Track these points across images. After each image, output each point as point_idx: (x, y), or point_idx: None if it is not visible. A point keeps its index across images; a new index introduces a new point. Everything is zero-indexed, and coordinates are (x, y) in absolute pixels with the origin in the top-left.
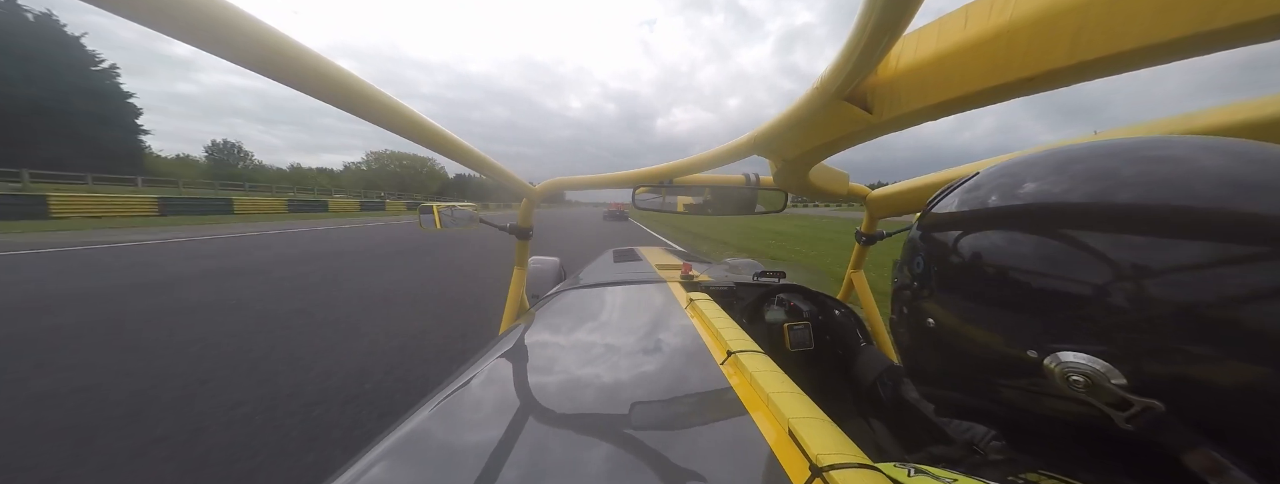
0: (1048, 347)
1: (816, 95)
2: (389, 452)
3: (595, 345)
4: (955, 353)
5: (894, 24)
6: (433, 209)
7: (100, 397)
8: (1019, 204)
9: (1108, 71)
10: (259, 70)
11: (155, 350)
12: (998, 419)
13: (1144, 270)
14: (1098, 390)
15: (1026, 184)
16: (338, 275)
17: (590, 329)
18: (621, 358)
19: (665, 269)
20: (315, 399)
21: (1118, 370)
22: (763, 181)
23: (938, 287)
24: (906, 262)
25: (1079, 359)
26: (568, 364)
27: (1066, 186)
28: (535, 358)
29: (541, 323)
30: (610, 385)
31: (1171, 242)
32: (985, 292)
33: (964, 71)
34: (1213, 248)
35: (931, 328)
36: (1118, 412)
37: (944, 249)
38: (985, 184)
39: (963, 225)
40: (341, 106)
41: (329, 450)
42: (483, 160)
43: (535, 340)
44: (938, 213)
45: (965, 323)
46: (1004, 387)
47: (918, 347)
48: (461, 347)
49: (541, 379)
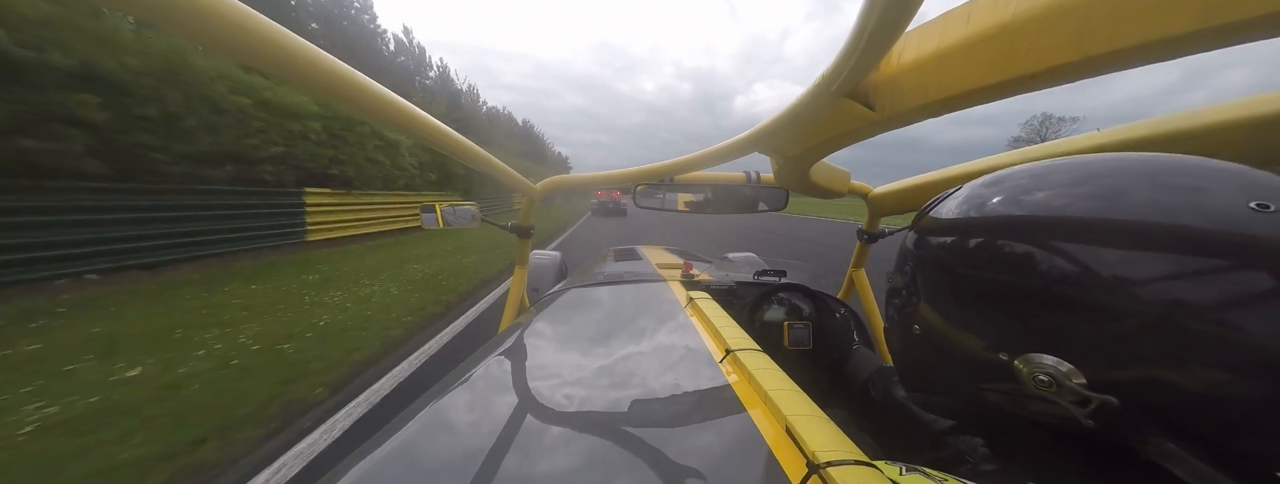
0: (1018, 349)
1: (818, 92)
2: (389, 450)
3: (595, 344)
4: (938, 356)
5: (896, 21)
6: (435, 208)
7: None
8: (1001, 215)
9: (1111, 68)
10: (262, 67)
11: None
12: (980, 423)
13: (1114, 280)
14: (1061, 390)
15: (1017, 195)
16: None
17: (590, 327)
18: (621, 356)
19: (665, 268)
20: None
21: (1078, 370)
22: (764, 180)
23: (923, 291)
24: (898, 267)
25: (1045, 360)
26: (567, 362)
27: (1061, 201)
28: (535, 356)
29: (541, 321)
30: (609, 383)
31: (1139, 254)
32: (964, 297)
33: (966, 68)
34: (1174, 261)
35: (917, 332)
36: (1079, 409)
37: (929, 256)
38: (972, 196)
39: (947, 233)
40: (343, 105)
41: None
42: (485, 159)
43: (535, 338)
44: (927, 220)
45: (946, 327)
46: (982, 388)
47: (906, 349)
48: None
49: (541, 377)
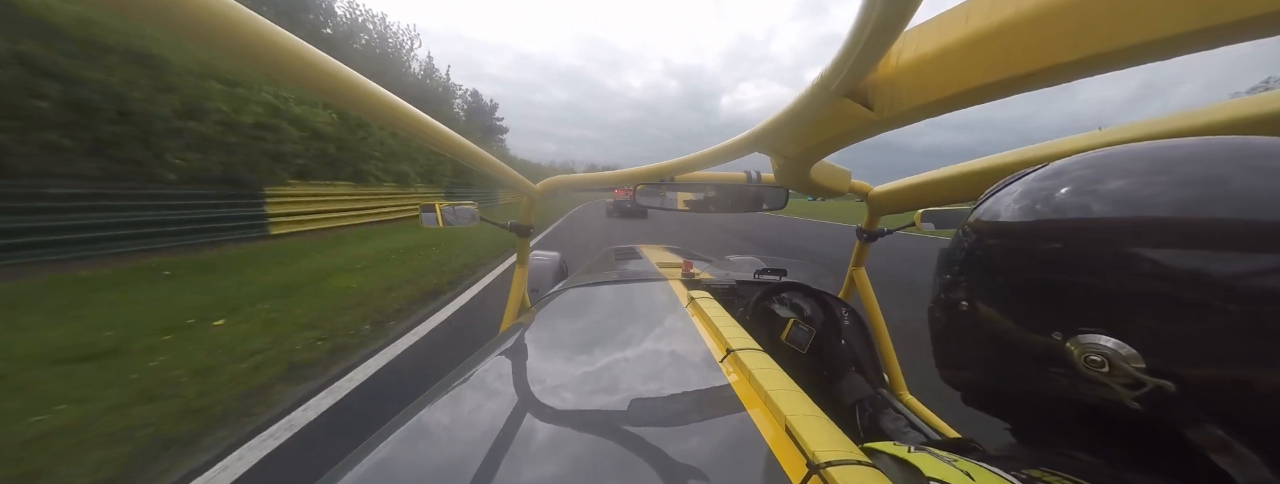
0: (1073, 330)
1: (817, 92)
2: (389, 450)
3: (595, 343)
4: (984, 335)
5: (895, 21)
6: (435, 207)
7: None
8: (1072, 211)
9: (1111, 66)
10: (257, 67)
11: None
12: (1012, 405)
13: (1189, 274)
14: (1114, 371)
15: (1101, 184)
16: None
17: (590, 327)
18: (621, 356)
19: (666, 267)
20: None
21: (1138, 354)
22: (764, 179)
23: (977, 285)
24: (954, 249)
25: (1102, 342)
26: (568, 362)
27: (1146, 192)
28: (535, 356)
29: (542, 321)
30: (610, 383)
31: (1241, 251)
32: (1027, 282)
33: (966, 68)
34: (1268, 257)
35: (965, 311)
36: (1128, 391)
37: (991, 241)
38: (1035, 189)
39: (1016, 221)
40: (343, 104)
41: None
42: (484, 158)
43: (535, 338)
44: (995, 203)
45: (999, 307)
46: (1025, 368)
47: (950, 328)
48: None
49: (541, 377)
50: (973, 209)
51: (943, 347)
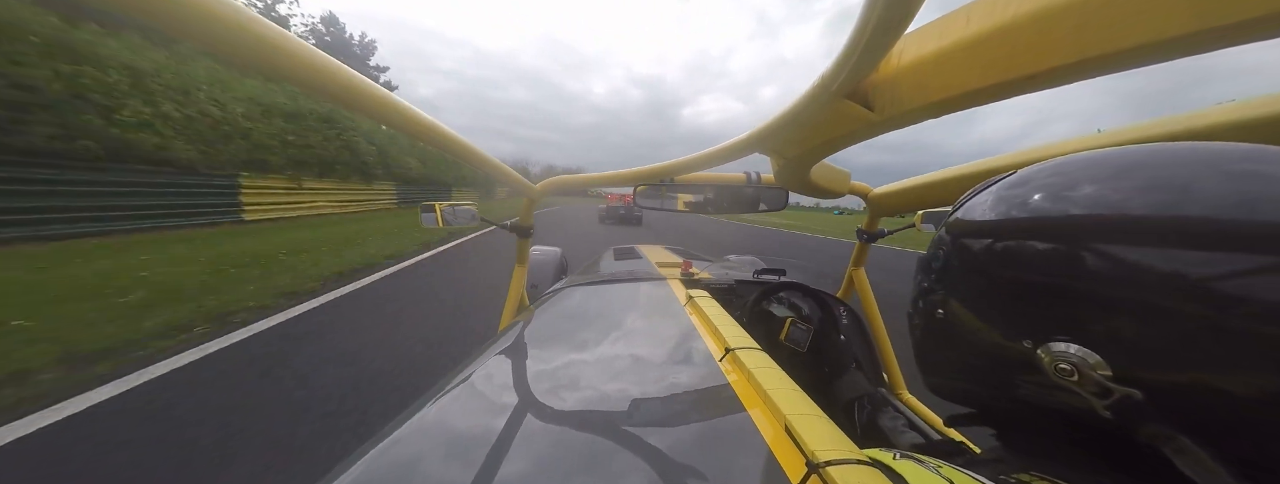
0: (1042, 338)
1: (818, 93)
2: (389, 449)
3: (594, 342)
4: (960, 342)
5: (896, 23)
6: (434, 207)
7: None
8: (1043, 212)
9: (1110, 69)
10: (254, 66)
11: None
12: (996, 411)
13: (1147, 277)
14: (1083, 380)
15: (1071, 189)
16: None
17: (590, 326)
18: (620, 355)
19: (665, 266)
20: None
21: (1104, 362)
22: (764, 180)
23: (952, 286)
24: (930, 255)
25: (1069, 350)
26: (567, 361)
27: (1115, 197)
28: (534, 355)
29: (541, 320)
30: (609, 382)
31: (1207, 253)
32: (995, 294)
33: (966, 69)
34: (1247, 259)
35: (941, 318)
36: (1099, 400)
37: (966, 246)
38: (1009, 193)
39: (989, 225)
40: (342, 104)
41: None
42: (484, 158)
43: (535, 337)
44: (968, 210)
45: (972, 314)
46: (1002, 376)
47: (929, 335)
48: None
49: (541, 376)
50: (949, 215)
51: (923, 354)
